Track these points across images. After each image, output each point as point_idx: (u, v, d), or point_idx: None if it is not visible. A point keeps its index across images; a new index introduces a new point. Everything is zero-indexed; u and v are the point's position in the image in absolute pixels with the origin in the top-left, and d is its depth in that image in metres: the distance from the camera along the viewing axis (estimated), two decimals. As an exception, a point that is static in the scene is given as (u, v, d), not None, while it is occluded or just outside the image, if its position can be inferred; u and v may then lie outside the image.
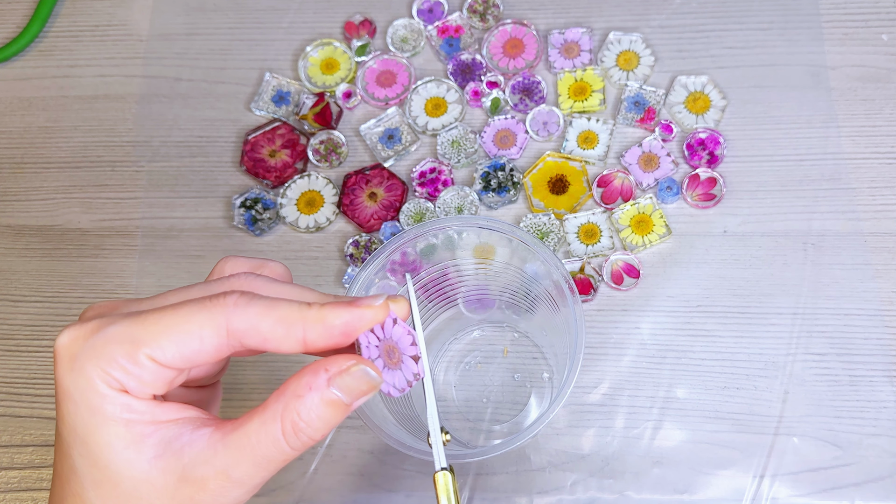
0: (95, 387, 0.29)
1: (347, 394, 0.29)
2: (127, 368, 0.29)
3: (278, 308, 0.29)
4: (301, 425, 0.29)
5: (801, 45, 0.59)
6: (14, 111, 0.63)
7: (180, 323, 0.29)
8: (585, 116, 0.58)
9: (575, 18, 0.62)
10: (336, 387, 0.29)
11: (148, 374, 0.29)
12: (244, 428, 0.29)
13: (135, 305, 0.31)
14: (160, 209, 0.59)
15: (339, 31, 0.63)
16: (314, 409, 0.29)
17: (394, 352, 0.32)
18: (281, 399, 0.29)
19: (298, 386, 0.29)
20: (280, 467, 0.30)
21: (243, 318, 0.29)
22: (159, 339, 0.29)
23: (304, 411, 0.29)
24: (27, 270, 0.58)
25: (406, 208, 0.57)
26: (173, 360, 0.29)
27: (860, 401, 0.51)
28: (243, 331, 0.29)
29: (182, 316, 0.29)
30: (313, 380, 0.29)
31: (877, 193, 0.55)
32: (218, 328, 0.29)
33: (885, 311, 0.52)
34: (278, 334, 0.29)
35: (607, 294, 0.54)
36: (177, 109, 0.62)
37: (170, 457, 0.29)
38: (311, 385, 0.29)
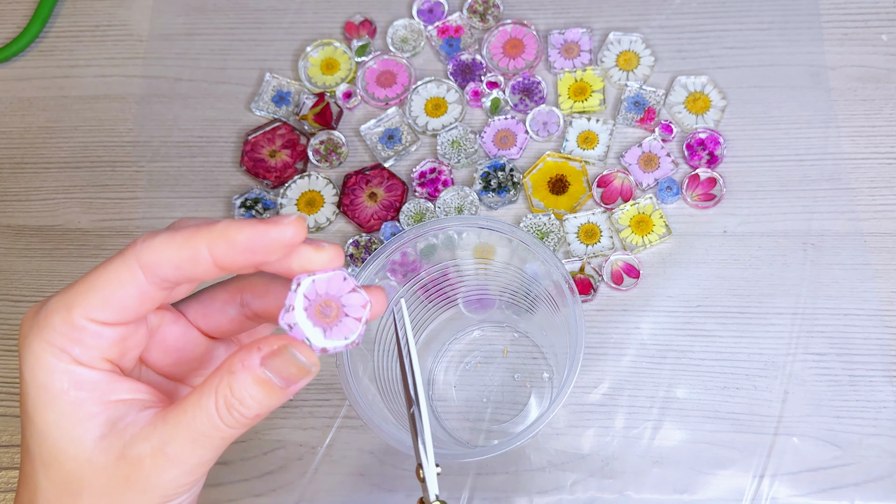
0: (42, 362, 0.29)
1: (279, 376, 0.29)
2: (67, 334, 0.29)
3: (182, 231, 0.29)
4: (233, 402, 0.29)
5: (800, 46, 0.59)
6: (14, 111, 0.63)
7: (100, 275, 0.29)
8: (585, 116, 0.58)
9: (575, 19, 0.62)
10: (268, 368, 0.29)
11: (89, 335, 0.29)
12: (182, 404, 0.29)
13: None
14: (160, 209, 0.59)
15: (340, 32, 0.63)
16: (246, 386, 0.29)
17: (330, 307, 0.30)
18: (218, 374, 0.29)
19: (233, 362, 0.29)
20: (219, 447, 0.30)
21: (150, 250, 0.28)
22: (87, 296, 0.28)
23: (236, 388, 0.28)
24: (27, 270, 0.58)
25: (406, 208, 0.57)
26: (107, 314, 0.29)
27: (860, 401, 0.51)
28: (154, 263, 0.28)
29: (101, 269, 0.29)
30: (246, 357, 0.29)
31: (876, 193, 0.55)
32: (132, 269, 0.28)
33: (884, 311, 0.52)
34: (185, 256, 0.28)
35: (607, 294, 0.54)
36: (177, 109, 0.62)
37: (113, 436, 0.29)
38: (244, 362, 0.29)
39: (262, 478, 0.52)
